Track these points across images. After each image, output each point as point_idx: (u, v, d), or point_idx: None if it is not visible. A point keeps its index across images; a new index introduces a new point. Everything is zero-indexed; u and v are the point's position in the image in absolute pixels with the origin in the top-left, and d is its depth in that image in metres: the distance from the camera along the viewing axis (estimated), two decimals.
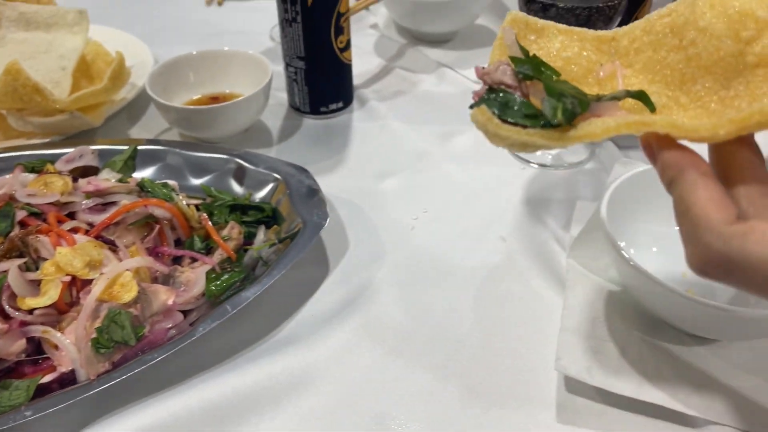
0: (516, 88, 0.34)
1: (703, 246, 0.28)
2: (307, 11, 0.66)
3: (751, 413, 0.42)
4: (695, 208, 0.28)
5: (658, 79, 0.35)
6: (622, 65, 0.36)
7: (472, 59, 0.83)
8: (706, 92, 0.33)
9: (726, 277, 0.28)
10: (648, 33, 0.36)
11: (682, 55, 0.33)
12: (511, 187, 0.63)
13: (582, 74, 0.37)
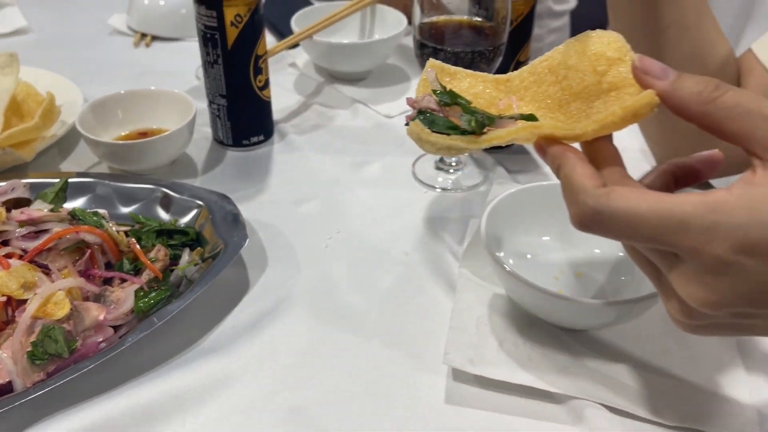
0: (439, 111, 0.44)
1: (582, 204, 0.36)
2: (227, 54, 0.72)
3: (605, 387, 0.50)
4: (575, 178, 0.37)
5: (543, 107, 0.44)
6: (516, 99, 0.45)
7: (384, 96, 0.92)
8: (577, 111, 0.42)
9: (598, 227, 0.36)
10: (532, 74, 0.45)
11: (558, 87, 0.43)
12: (415, 209, 0.71)
13: (486, 105, 0.46)
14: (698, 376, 0.51)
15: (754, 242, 0.32)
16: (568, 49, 0.43)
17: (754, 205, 0.32)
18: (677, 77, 0.36)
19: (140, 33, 1.09)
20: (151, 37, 1.08)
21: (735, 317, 0.35)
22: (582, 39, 0.42)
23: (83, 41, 1.08)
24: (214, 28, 0.71)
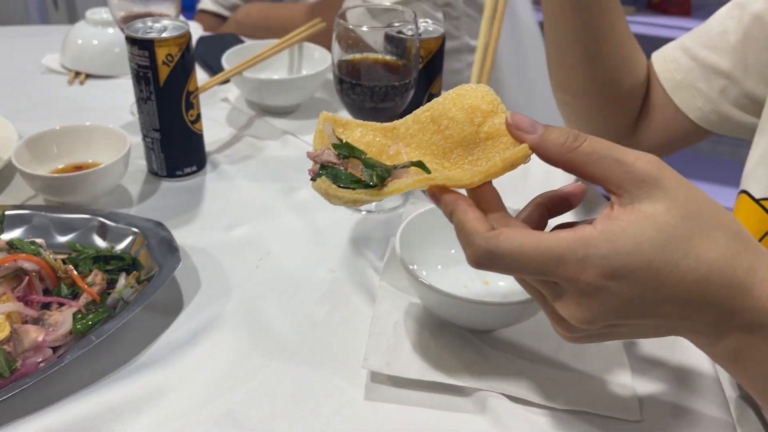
0: (339, 164, 0.48)
1: (476, 246, 0.42)
2: (160, 90, 0.77)
3: (506, 380, 0.56)
4: (467, 224, 0.42)
5: (428, 153, 0.49)
6: (403, 145, 0.50)
7: (312, 127, 0.97)
8: (459, 158, 0.47)
9: (491, 265, 0.42)
10: (416, 123, 0.50)
11: (441, 135, 0.48)
12: (341, 230, 0.76)
13: (378, 153, 0.50)
14: (587, 366, 0.58)
15: (615, 269, 0.38)
16: (446, 101, 0.48)
17: (612, 237, 0.39)
18: (544, 131, 0.42)
19: (74, 71, 1.12)
20: (85, 75, 1.11)
21: (606, 328, 0.42)
22: (458, 92, 0.47)
23: (17, 80, 1.11)
24: (147, 66, 0.76)
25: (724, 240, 0.39)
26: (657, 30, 2.10)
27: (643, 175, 0.39)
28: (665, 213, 0.39)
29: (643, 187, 0.39)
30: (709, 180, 2.17)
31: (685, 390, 0.57)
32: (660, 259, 0.38)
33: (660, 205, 0.39)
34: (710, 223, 0.39)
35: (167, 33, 0.76)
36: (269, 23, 1.24)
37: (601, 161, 0.40)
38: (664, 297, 0.39)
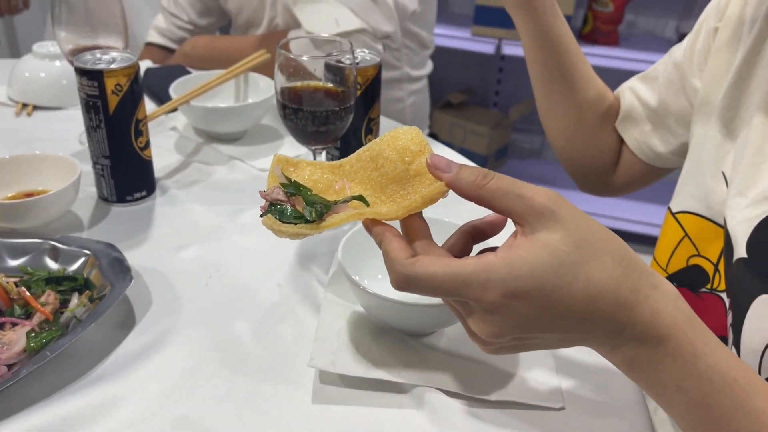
0: (287, 201, 0.53)
1: (397, 272, 0.47)
2: (109, 119, 0.80)
3: (441, 376, 0.61)
4: (390, 252, 0.47)
5: (369, 188, 0.55)
6: (348, 181, 0.56)
7: (259, 152, 1.02)
8: (394, 192, 0.53)
9: (409, 288, 0.47)
10: (359, 161, 0.55)
11: (378, 173, 0.54)
12: (288, 248, 0.80)
13: (325, 188, 0.56)
14: (516, 364, 0.63)
15: (513, 290, 0.43)
16: (383, 142, 0.54)
17: (510, 263, 0.44)
18: (458, 170, 0.48)
19: (21, 103, 1.14)
20: (33, 106, 1.13)
21: (514, 341, 0.47)
22: (393, 134, 0.54)
23: None
24: (96, 96, 0.79)
25: (611, 264, 0.44)
26: (589, 59, 2.22)
27: (541, 207, 0.45)
28: (559, 241, 0.44)
29: (541, 219, 0.44)
30: (663, 202, 2.29)
31: (603, 382, 0.63)
32: (553, 282, 0.43)
33: (555, 234, 0.44)
34: (599, 249, 0.45)
35: (116, 64, 0.80)
36: (215, 55, 1.29)
37: (506, 197, 0.46)
38: (558, 314, 0.44)
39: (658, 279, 0.46)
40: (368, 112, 0.88)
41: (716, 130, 0.66)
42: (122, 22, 0.95)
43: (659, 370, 0.46)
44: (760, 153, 0.58)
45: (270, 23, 1.35)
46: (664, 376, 0.46)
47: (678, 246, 0.71)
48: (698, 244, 0.69)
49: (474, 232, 0.52)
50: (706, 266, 0.68)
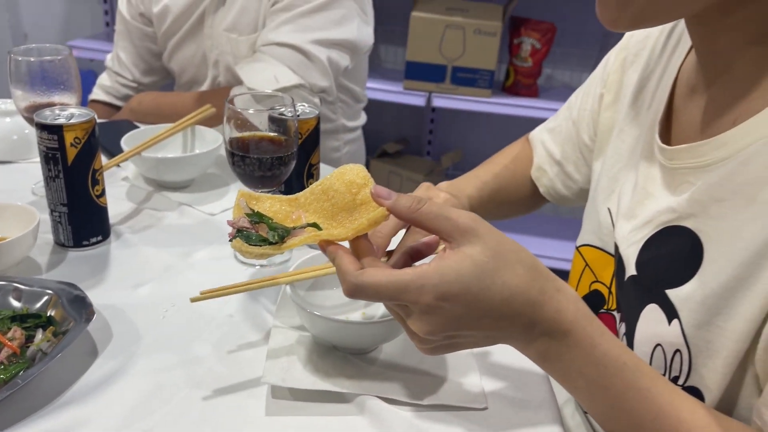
0: (252, 228, 0.63)
1: (347, 282, 0.55)
2: (68, 170, 0.87)
3: (380, 385, 0.69)
4: (343, 266, 0.56)
5: (322, 216, 0.64)
6: (303, 211, 0.65)
7: (207, 198, 1.09)
8: (343, 219, 0.63)
9: (358, 294, 0.56)
10: (312, 194, 0.65)
11: (330, 203, 0.64)
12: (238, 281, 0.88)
13: (284, 218, 0.65)
14: (445, 372, 0.72)
15: (444, 293, 0.53)
16: (333, 178, 0.64)
17: (441, 271, 0.53)
18: (397, 198, 0.58)
19: None
20: None
21: (447, 339, 0.57)
22: (341, 170, 0.64)
23: None
24: (56, 149, 0.86)
25: (522, 271, 0.55)
26: (510, 109, 2.40)
27: (464, 227, 0.54)
28: (479, 253, 0.54)
29: (465, 236, 0.54)
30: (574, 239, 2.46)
31: (521, 385, 0.72)
32: (476, 286, 0.53)
33: (476, 247, 0.54)
34: (512, 259, 0.55)
35: (74, 119, 0.87)
36: (162, 110, 1.36)
37: (436, 219, 0.55)
38: (482, 313, 0.54)
39: (561, 284, 0.57)
40: (309, 159, 0.97)
41: (605, 174, 0.78)
42: (76, 80, 1.02)
43: (565, 360, 0.56)
44: (644, 191, 0.69)
45: (213, 81, 1.44)
46: (569, 364, 0.56)
47: (582, 274, 0.82)
48: (596, 271, 0.80)
49: (413, 253, 0.62)
50: (602, 290, 0.79)
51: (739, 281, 0.54)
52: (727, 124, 0.58)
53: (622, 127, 0.76)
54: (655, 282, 0.63)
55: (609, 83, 0.82)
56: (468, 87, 2.41)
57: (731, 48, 0.58)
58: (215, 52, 1.40)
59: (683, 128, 0.66)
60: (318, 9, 1.26)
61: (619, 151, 0.76)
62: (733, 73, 0.59)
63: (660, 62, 0.73)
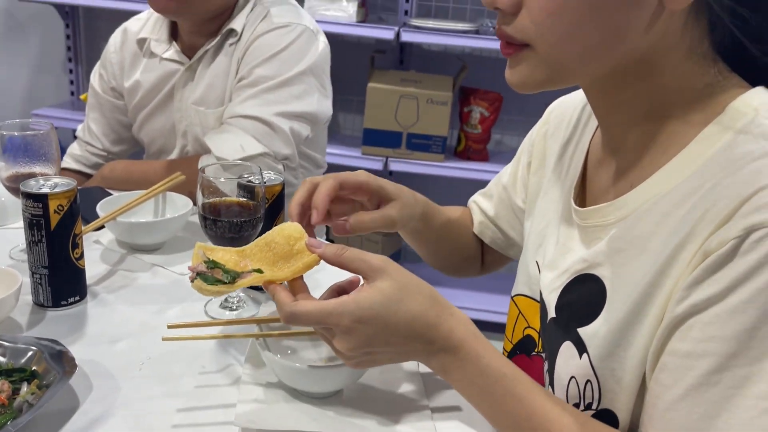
0: (209, 272, 0.75)
1: (284, 311, 0.69)
2: (50, 234, 0.94)
3: (343, 424, 0.76)
4: (280, 299, 0.70)
5: (264, 263, 0.78)
6: (249, 260, 0.76)
7: (177, 259, 1.17)
8: (282, 265, 0.77)
9: (293, 320, 0.69)
10: (257, 246, 0.80)
11: (272, 253, 0.78)
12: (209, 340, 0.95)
13: (234, 265, 0.78)
14: (395, 398, 0.80)
15: (359, 317, 0.67)
16: (274, 232, 0.80)
17: (357, 300, 0.68)
18: (325, 247, 0.73)
19: None
20: None
21: (365, 354, 0.70)
22: (281, 226, 0.80)
23: None
24: (40, 215, 0.93)
25: (422, 299, 0.70)
26: (462, 173, 2.55)
27: (376, 266, 0.70)
28: (388, 287, 0.69)
29: (377, 273, 0.70)
30: None
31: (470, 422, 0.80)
32: (385, 311, 0.68)
33: (386, 282, 0.69)
34: (414, 290, 0.70)
35: (58, 188, 0.94)
36: (133, 177, 1.44)
37: (354, 261, 0.71)
38: (391, 333, 0.68)
39: (455, 310, 0.72)
40: (275, 221, 1.06)
41: (534, 231, 0.89)
42: (57, 152, 1.10)
43: (459, 371, 0.70)
44: (564, 246, 0.80)
45: (181, 150, 1.53)
46: (462, 374, 0.70)
47: (516, 322, 0.92)
48: (528, 318, 0.90)
49: (339, 290, 0.77)
50: (533, 335, 0.89)
51: (634, 316, 0.65)
52: (626, 188, 0.70)
53: (546, 190, 0.88)
54: (570, 322, 0.73)
55: (534, 152, 0.95)
56: (422, 152, 2.56)
57: (625, 123, 0.71)
58: (184, 123, 1.50)
59: (594, 192, 0.78)
60: (281, 85, 1.37)
61: (544, 211, 0.87)
62: (628, 145, 0.71)
63: (575, 135, 0.86)
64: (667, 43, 0.65)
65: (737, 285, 0.56)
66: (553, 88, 0.70)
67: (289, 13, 1.42)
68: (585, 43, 0.64)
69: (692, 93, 0.66)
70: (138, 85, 1.54)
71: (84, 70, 3.03)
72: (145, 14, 1.57)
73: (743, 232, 0.56)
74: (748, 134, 0.61)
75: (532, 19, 0.64)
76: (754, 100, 0.64)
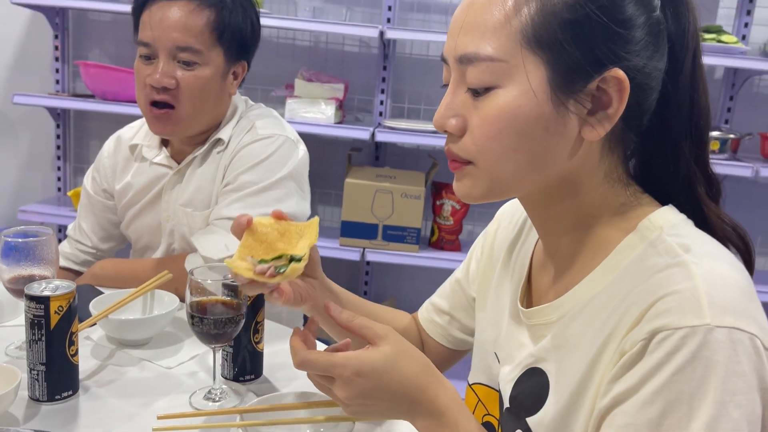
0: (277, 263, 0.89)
1: (298, 357, 0.80)
2: (50, 333, 1.02)
3: None
4: (295, 345, 0.82)
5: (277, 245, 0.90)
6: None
7: (164, 353, 1.25)
8: (289, 242, 0.90)
9: (306, 367, 0.80)
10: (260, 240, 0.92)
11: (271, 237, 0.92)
12: (194, 424, 1.02)
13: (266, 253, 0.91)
14: None
15: (359, 372, 0.77)
16: (254, 228, 0.92)
17: (360, 357, 0.78)
18: (340, 312, 0.83)
19: None
20: None
21: (360, 405, 0.79)
22: (258, 222, 0.91)
23: None
24: (42, 316, 1.02)
25: (415, 365, 0.80)
26: (436, 262, 2.67)
27: (380, 333, 0.81)
28: (387, 350, 0.79)
29: (380, 338, 0.80)
30: None
31: None
32: (382, 369, 0.78)
33: (386, 347, 0.80)
34: (410, 357, 0.80)
35: (59, 291, 1.04)
36: (122, 275, 1.53)
37: (364, 328, 0.82)
38: (384, 389, 0.78)
39: (445, 380, 0.82)
40: (255, 317, 1.16)
41: (489, 323, 1.00)
42: (56, 256, 1.20)
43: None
44: (517, 341, 0.89)
45: (167, 247, 1.64)
46: None
47: (475, 409, 1.01)
48: (487, 406, 0.99)
49: (334, 350, 0.85)
50: (493, 422, 0.98)
51: (572, 406, 0.75)
52: (562, 290, 0.81)
53: (497, 285, 0.99)
54: (520, 411, 0.82)
55: (485, 248, 1.05)
56: (398, 243, 2.68)
57: (558, 232, 0.83)
58: (171, 223, 1.61)
59: (539, 292, 0.89)
60: (263, 189, 1.50)
61: (497, 307, 0.97)
62: (562, 251, 0.84)
63: (521, 237, 0.98)
64: (587, 168, 0.78)
65: (647, 379, 0.66)
66: (494, 200, 0.82)
67: (272, 125, 1.57)
68: (517, 164, 0.76)
69: (610, 210, 0.79)
70: (129, 186, 1.65)
71: (71, 168, 3.16)
72: (138, 123, 1.71)
73: (648, 334, 0.67)
74: (654, 248, 0.73)
75: (474, 141, 0.76)
76: (660, 219, 0.76)
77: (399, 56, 2.92)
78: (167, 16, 1.43)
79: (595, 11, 0.70)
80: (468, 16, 0.75)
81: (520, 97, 0.73)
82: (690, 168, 0.78)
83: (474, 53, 0.74)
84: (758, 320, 0.67)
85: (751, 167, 2.48)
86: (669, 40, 0.76)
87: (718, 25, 2.56)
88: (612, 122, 0.74)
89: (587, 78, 0.72)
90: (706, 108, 0.79)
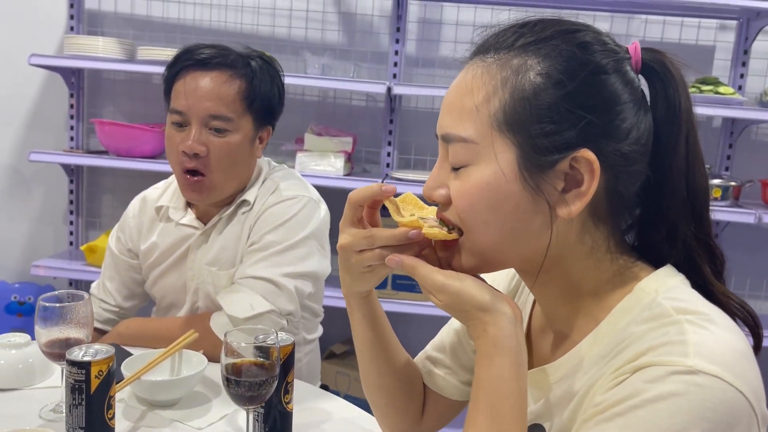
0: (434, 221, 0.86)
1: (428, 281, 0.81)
2: (89, 398, 1.05)
3: None
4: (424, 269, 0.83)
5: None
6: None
7: (194, 414, 1.27)
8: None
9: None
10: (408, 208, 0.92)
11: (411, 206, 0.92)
12: None
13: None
14: None
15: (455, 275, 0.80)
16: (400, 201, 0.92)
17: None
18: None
19: None
20: None
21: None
22: (403, 198, 0.92)
23: None
24: (82, 381, 1.05)
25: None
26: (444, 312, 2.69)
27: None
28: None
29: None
30: None
31: None
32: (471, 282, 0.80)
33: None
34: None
35: (99, 356, 1.07)
36: (147, 334, 1.56)
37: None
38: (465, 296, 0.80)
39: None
40: (286, 377, 1.19)
41: None
42: (91, 319, 1.23)
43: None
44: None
45: (192, 305, 1.67)
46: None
47: None
48: None
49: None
50: None
51: None
52: (560, 353, 0.85)
53: None
54: None
55: None
56: (407, 292, 2.72)
57: (553, 300, 0.86)
58: (196, 282, 1.65)
59: (539, 354, 0.92)
60: (287, 249, 1.54)
61: None
62: (560, 317, 0.87)
63: (519, 301, 1.00)
64: (569, 242, 0.79)
65: (619, 401, 0.70)
66: (487, 272, 0.85)
67: (295, 187, 1.63)
68: (495, 237, 0.80)
69: (603, 279, 0.82)
70: (155, 246, 1.70)
71: (83, 222, 3.20)
72: (162, 184, 1.77)
73: (634, 368, 0.71)
74: (650, 311, 0.76)
75: (457, 212, 0.82)
76: (655, 283, 0.79)
77: (405, 109, 3.00)
78: (201, 86, 1.50)
79: (562, 98, 0.74)
80: (451, 97, 0.82)
81: (489, 176, 0.77)
82: (692, 246, 0.81)
83: (452, 134, 0.80)
84: (749, 380, 0.68)
85: (753, 213, 2.54)
86: (658, 123, 0.78)
87: (715, 77, 2.65)
88: (585, 200, 0.75)
89: (556, 158, 0.75)
90: (704, 188, 0.79)
